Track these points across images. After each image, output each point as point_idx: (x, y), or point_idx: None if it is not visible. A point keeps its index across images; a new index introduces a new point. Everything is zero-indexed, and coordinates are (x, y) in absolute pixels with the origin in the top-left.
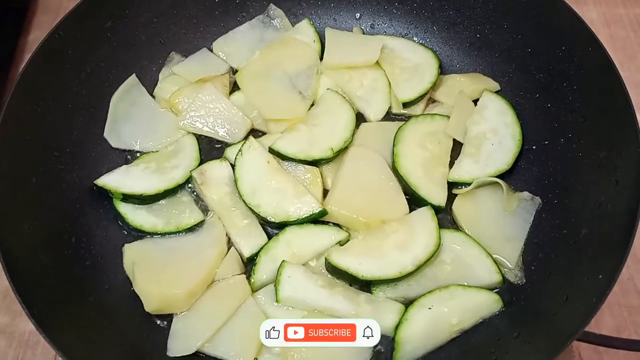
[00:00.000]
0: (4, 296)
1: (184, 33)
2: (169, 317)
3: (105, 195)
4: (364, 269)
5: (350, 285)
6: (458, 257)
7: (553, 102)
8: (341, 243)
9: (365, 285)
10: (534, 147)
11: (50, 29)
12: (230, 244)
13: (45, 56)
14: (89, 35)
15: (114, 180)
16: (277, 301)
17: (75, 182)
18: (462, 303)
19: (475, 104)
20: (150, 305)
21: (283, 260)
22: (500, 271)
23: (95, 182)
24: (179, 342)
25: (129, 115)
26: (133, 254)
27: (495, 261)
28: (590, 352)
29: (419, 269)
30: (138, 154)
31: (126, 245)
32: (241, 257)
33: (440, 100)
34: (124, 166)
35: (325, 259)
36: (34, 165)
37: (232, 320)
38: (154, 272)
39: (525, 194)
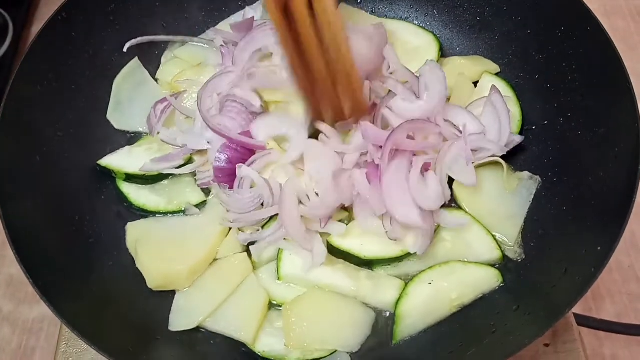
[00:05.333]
0: (7, 284)
1: (186, 17)
2: (171, 294)
3: (108, 175)
4: (366, 249)
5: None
6: (458, 234)
7: (552, 83)
8: (342, 221)
9: (366, 263)
10: (534, 127)
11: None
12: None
13: (49, 38)
14: (92, 18)
15: (117, 160)
16: (278, 279)
17: (79, 162)
18: (461, 278)
19: (475, 86)
20: (153, 281)
21: (285, 238)
22: (500, 248)
23: (98, 162)
24: (181, 317)
25: (132, 98)
26: (136, 232)
27: (494, 238)
28: (590, 338)
29: None
30: (141, 136)
31: (129, 223)
32: None
33: None
34: (127, 147)
35: (327, 241)
36: (38, 144)
37: (233, 297)
38: (156, 250)
39: (526, 173)
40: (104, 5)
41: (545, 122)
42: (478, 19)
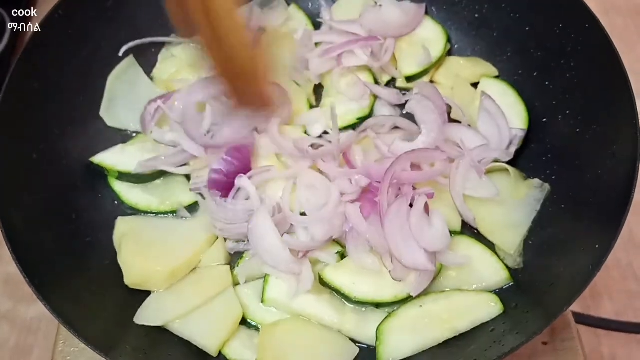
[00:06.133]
0: (6, 282)
1: None
2: None
3: (104, 174)
4: (357, 290)
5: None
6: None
7: (551, 80)
8: (338, 252)
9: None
10: (532, 125)
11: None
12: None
13: (46, 35)
14: (89, 15)
15: (110, 158)
16: (262, 301)
17: (77, 160)
18: (455, 302)
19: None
20: (130, 278)
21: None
22: (507, 267)
23: (91, 159)
24: (149, 312)
25: (126, 95)
26: (124, 227)
27: (499, 257)
28: (589, 336)
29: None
30: (136, 134)
31: (119, 217)
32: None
33: (438, 81)
34: (120, 145)
35: (319, 275)
36: (35, 141)
37: (207, 307)
38: (140, 247)
39: (536, 181)
40: (101, 2)
41: (544, 120)
42: (476, 16)
